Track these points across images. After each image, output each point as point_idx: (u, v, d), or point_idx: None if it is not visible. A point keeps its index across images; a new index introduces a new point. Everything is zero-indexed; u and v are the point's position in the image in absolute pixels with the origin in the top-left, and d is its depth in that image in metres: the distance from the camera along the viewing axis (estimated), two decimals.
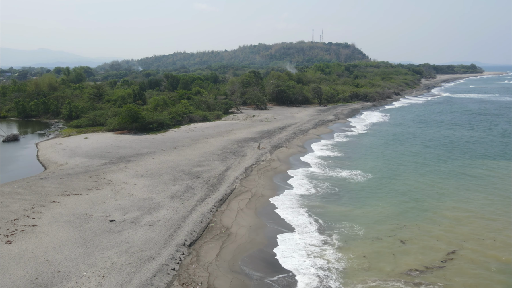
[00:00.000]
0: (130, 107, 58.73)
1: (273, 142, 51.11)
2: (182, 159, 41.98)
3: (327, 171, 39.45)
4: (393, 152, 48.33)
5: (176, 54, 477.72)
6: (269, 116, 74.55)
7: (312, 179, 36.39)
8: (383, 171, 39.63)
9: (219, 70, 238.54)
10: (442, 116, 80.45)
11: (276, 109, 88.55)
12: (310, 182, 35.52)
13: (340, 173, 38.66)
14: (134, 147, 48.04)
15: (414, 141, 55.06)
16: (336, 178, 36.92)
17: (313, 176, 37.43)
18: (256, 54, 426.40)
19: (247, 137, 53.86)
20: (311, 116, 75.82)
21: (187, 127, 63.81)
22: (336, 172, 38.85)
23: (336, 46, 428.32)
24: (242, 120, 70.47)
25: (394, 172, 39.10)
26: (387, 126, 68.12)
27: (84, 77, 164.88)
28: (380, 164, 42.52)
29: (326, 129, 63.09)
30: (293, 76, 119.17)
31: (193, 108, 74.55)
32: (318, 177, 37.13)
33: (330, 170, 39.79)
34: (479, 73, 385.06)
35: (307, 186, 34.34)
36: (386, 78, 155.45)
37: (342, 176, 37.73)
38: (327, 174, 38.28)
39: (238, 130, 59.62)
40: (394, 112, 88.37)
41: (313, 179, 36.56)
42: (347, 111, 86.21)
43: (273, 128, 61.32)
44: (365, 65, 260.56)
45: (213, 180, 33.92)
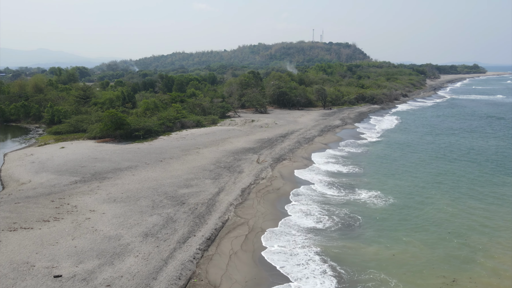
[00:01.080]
0: (112, 113, 52.12)
1: (274, 153, 44.50)
2: (168, 176, 35.37)
3: (340, 192, 32.84)
4: (413, 166, 41.72)
5: (175, 54, 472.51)
6: (270, 121, 67.94)
7: (323, 204, 29.79)
8: (407, 192, 33.04)
9: (218, 70, 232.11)
10: (458, 121, 73.85)
11: (277, 113, 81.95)
12: (321, 208, 28.92)
13: (356, 194, 32.07)
14: (114, 160, 41.42)
15: (434, 152, 48.43)
16: (353, 202, 30.33)
17: (324, 200, 30.83)
18: (255, 54, 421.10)
19: (245, 147, 47.25)
20: (315, 121, 69.20)
21: (178, 134, 57.19)
22: (351, 194, 32.25)
23: (337, 46, 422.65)
24: (240, 126, 63.83)
25: (421, 194, 32.51)
26: (400, 133, 61.53)
27: (76, 78, 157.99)
28: (401, 182, 35.92)
29: (334, 137, 56.46)
30: (295, 77, 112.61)
31: (186, 112, 67.92)
32: (330, 201, 30.54)
33: (343, 190, 33.19)
34: (482, 73, 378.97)
35: (317, 214, 27.74)
36: (391, 79, 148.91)
37: (359, 199, 31.14)
38: (340, 197, 31.67)
39: (235, 138, 52.99)
40: (404, 116, 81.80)
41: (324, 204, 29.95)
42: (354, 114, 79.61)
43: (274, 136, 54.70)
44: (367, 65, 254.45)
45: (201, 208, 27.28)
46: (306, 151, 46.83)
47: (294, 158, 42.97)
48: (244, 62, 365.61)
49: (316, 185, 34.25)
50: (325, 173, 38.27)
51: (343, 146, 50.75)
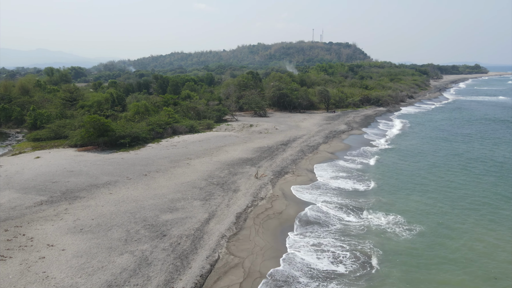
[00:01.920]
0: (95, 118, 46.82)
1: (275, 165, 39.23)
2: (150, 195, 30.11)
3: (355, 216, 27.62)
4: (433, 181, 36.49)
5: (174, 54, 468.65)
6: (270, 125, 62.67)
7: (336, 235, 24.56)
8: (434, 217, 27.80)
9: (217, 71, 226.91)
10: (471, 126, 68.60)
11: (277, 116, 76.70)
12: (334, 240, 23.71)
13: (375, 220, 26.84)
14: (91, 173, 36.14)
15: (454, 163, 43.18)
16: (371, 231, 25.10)
17: (337, 228, 25.59)
18: (255, 54, 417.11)
19: (242, 158, 41.96)
20: (319, 126, 63.93)
21: (169, 141, 51.90)
22: (367, 219, 27.02)
23: (337, 46, 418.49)
24: (237, 131, 58.55)
25: (451, 220, 27.27)
26: (412, 139, 56.29)
27: (69, 78, 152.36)
28: (422, 202, 30.71)
29: (341, 144, 51.19)
30: (296, 78, 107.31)
31: (178, 116, 62.63)
32: (345, 230, 25.30)
33: (358, 214, 27.97)
34: (484, 73, 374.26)
35: (331, 249, 22.52)
36: (394, 79, 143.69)
37: (379, 225, 25.91)
38: (356, 223, 26.44)
39: (231, 147, 47.72)
40: (413, 119, 76.55)
41: (337, 233, 24.72)
42: (360, 118, 74.36)
43: (275, 143, 49.43)
44: (368, 65, 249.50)
45: (186, 242, 22.02)
46: (310, 162, 41.55)
47: (298, 171, 37.71)
48: (243, 62, 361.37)
49: (325, 207, 29.00)
50: (335, 190, 33.00)
51: (352, 156, 45.49)
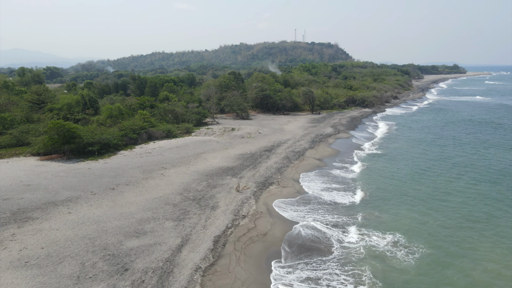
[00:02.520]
0: (59, 124, 42.35)
1: (258, 175, 35.78)
2: (116, 214, 26.22)
3: (349, 235, 24.45)
4: (426, 189, 33.77)
5: (155, 54, 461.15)
6: (252, 129, 59.21)
7: (330, 262, 21.29)
8: (434, 234, 24.90)
9: (198, 71, 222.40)
10: (460, 128, 66.79)
11: (261, 118, 73.34)
12: (329, 269, 20.43)
13: (372, 240, 23.72)
14: (51, 188, 31.91)
15: (445, 167, 40.70)
16: (370, 256, 21.94)
17: (330, 253, 22.34)
18: (237, 54, 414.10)
19: (222, 167, 38.34)
20: (304, 129, 60.85)
21: (144, 147, 47.81)
22: (364, 239, 23.88)
23: (320, 46, 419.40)
24: (218, 136, 54.86)
25: (452, 238, 24.42)
26: (400, 143, 53.79)
27: (42, 79, 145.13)
28: (420, 215, 27.84)
29: (328, 149, 48.15)
30: (279, 78, 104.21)
31: (155, 120, 58.50)
32: (340, 256, 22.06)
33: (352, 233, 24.82)
34: (462, 73, 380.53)
35: (327, 278, 19.23)
36: (378, 80, 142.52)
37: (377, 248, 22.80)
38: (352, 245, 23.25)
39: (211, 153, 44.02)
40: (400, 121, 74.42)
41: (331, 261, 21.46)
42: (346, 120, 71.72)
43: (258, 150, 46.00)
44: (351, 65, 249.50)
45: (151, 279, 18.30)
46: (297, 170, 38.28)
47: (284, 182, 34.37)
48: (226, 62, 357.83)
49: (314, 226, 25.73)
50: (324, 205, 29.79)
51: (340, 162, 42.47)
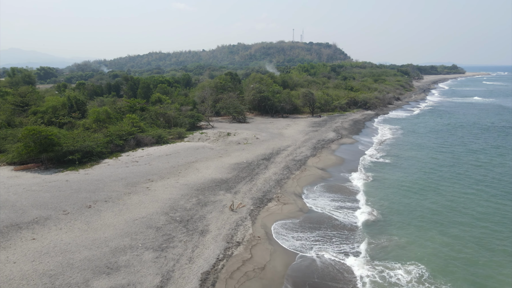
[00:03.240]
0: (35, 130, 38.31)
1: (256, 189, 31.86)
2: (88, 241, 22.27)
3: (362, 269, 20.59)
4: (445, 206, 29.99)
5: (152, 54, 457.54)
6: (249, 134, 55.28)
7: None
8: (461, 265, 21.11)
9: (195, 71, 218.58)
10: (469, 132, 63.02)
11: (258, 122, 69.44)
12: None
13: (392, 275, 19.88)
14: (19, 205, 27.91)
15: (463, 179, 36.93)
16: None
17: None
18: (235, 54, 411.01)
19: (215, 179, 34.39)
20: (305, 134, 56.96)
21: (131, 155, 43.80)
22: (381, 275, 20.03)
23: (318, 46, 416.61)
24: (212, 142, 50.91)
25: (483, 271, 20.63)
26: (408, 149, 50.02)
27: (34, 79, 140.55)
28: (442, 239, 24.05)
29: (332, 157, 44.27)
30: (277, 79, 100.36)
31: (145, 124, 54.49)
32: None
33: (366, 265, 20.97)
34: (461, 73, 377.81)
35: None
36: (379, 80, 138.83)
37: (399, 285, 18.96)
38: (365, 280, 19.41)
39: (204, 163, 40.05)
40: (405, 125, 70.61)
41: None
42: (349, 124, 67.89)
43: (256, 158, 42.06)
44: (350, 65, 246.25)
45: None
46: (299, 183, 34.39)
47: (284, 197, 30.47)
48: (223, 63, 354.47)
49: (322, 254, 21.86)
50: (331, 227, 25.91)
51: (346, 172, 38.62)
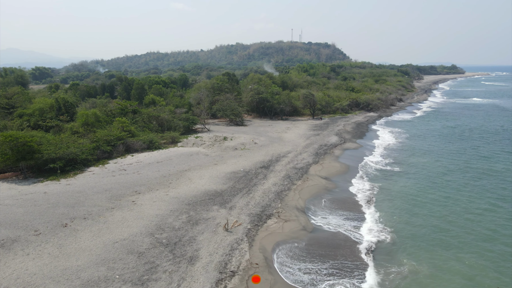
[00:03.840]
0: (11, 136, 35.00)
1: (254, 203, 28.66)
2: (57, 272, 19.03)
3: None
4: (470, 230, 26.90)
5: (149, 54, 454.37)
6: (247, 138, 52.11)
7: None
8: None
9: (192, 71, 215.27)
10: (479, 136, 59.95)
11: (257, 125, 66.27)
12: None
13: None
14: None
15: (479, 192, 33.87)
16: None
17: None
18: (233, 54, 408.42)
19: (209, 191, 31.19)
20: (306, 138, 53.81)
21: (119, 162, 40.56)
22: None
23: (316, 46, 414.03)
24: (207, 147, 47.72)
25: None
26: (417, 156, 46.93)
27: (27, 80, 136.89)
28: (470, 266, 20.93)
29: (335, 164, 41.12)
30: (276, 80, 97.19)
31: (136, 128, 51.29)
32: None
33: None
34: (461, 73, 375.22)
35: None
36: (380, 81, 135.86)
37: None
38: None
39: (197, 171, 36.84)
40: (410, 128, 67.48)
41: None
42: (351, 127, 64.76)
43: (254, 166, 38.88)
44: (349, 65, 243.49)
45: None
46: (301, 195, 31.23)
47: (285, 213, 27.29)
48: (221, 63, 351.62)
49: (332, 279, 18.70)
50: (341, 248, 22.72)
51: (351, 182, 35.50)
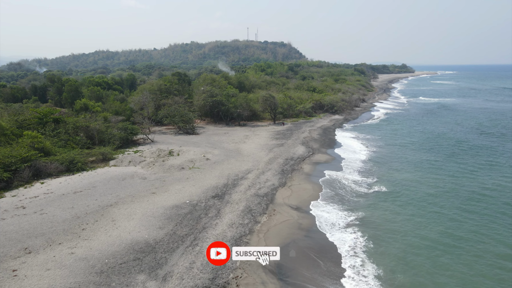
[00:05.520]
0: None
1: (199, 266, 19.56)
2: None
3: None
4: (479, 270, 19.76)
5: (98, 52, 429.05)
6: (198, 152, 42.86)
7: None
8: None
9: (144, 71, 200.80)
10: (457, 143, 54.93)
11: (211, 132, 57.10)
12: None
13: None
14: None
15: (475, 220, 27.26)
16: None
17: None
18: (188, 53, 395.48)
19: (137, 243, 21.71)
20: (268, 150, 45.45)
21: (19, 195, 29.78)
22: None
23: (273, 45, 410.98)
24: (147, 166, 37.92)
25: None
26: (397, 170, 40.19)
27: None
28: None
29: (306, 186, 33.00)
30: (232, 80, 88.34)
31: (54, 144, 40.39)
32: None
33: None
34: (411, 72, 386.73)
35: None
36: (339, 80, 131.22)
37: None
38: None
39: (127, 207, 27.14)
40: (381, 133, 61.45)
41: None
42: (318, 133, 57.39)
43: (204, 194, 29.80)
44: (307, 64, 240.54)
45: None
46: (267, 241, 22.59)
47: (247, 278, 18.55)
48: (176, 62, 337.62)
49: None
50: None
51: (329, 211, 27.58)
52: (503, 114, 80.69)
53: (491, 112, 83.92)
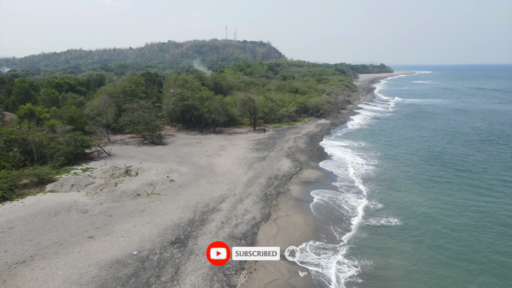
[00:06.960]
0: None
1: None
2: None
3: None
4: None
5: (70, 51, 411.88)
6: (161, 169, 34.89)
7: None
8: None
9: (116, 71, 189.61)
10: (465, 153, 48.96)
11: (181, 142, 49.13)
12: None
13: None
14: None
15: None
16: None
17: None
18: (165, 53, 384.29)
19: None
20: (248, 166, 37.88)
21: None
22: None
23: (252, 44, 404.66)
24: (93, 192, 29.73)
25: None
26: (406, 192, 33.53)
27: None
28: None
29: (297, 219, 25.61)
30: (208, 81, 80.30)
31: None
32: None
33: None
34: (390, 72, 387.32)
35: None
36: (322, 80, 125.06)
37: None
38: None
39: (46, 264, 19.06)
40: (374, 139, 54.94)
41: None
42: (304, 141, 50.25)
43: (159, 239, 22.01)
44: (287, 64, 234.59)
45: None
46: None
47: None
48: (152, 61, 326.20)
49: None
50: None
51: (331, 272, 20.36)
52: (483, 113, 76.01)
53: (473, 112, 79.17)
